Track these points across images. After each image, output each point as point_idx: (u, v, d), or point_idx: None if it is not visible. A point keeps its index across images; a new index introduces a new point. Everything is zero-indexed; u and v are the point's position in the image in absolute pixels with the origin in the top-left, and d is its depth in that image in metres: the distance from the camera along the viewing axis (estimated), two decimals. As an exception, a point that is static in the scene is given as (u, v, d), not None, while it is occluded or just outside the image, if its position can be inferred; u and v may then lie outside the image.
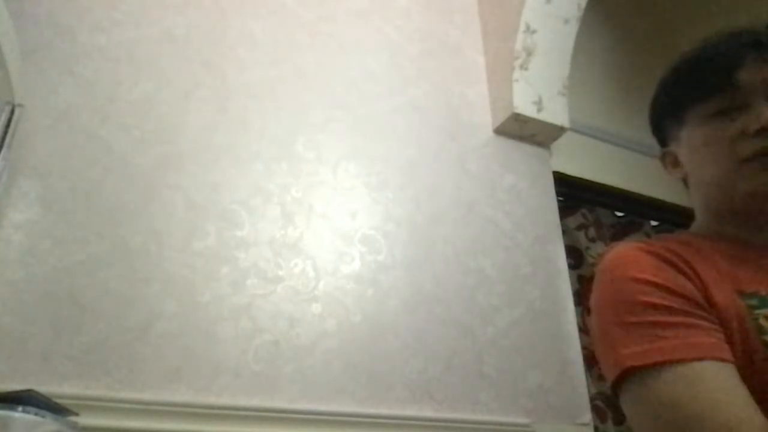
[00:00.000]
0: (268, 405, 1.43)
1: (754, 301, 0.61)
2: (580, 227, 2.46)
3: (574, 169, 2.42)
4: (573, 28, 2.23)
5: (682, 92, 0.77)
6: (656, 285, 0.63)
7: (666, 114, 0.81)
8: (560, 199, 2.25)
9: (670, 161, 0.83)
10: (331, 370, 1.55)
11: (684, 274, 0.64)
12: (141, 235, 1.48)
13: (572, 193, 2.42)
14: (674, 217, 2.82)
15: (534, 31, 2.16)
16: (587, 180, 2.46)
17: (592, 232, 2.46)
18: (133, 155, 1.55)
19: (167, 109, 1.65)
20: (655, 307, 0.61)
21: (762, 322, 0.60)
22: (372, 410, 1.54)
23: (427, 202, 1.91)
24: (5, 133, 1.34)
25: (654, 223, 2.87)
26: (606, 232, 2.53)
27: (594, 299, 0.69)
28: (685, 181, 0.85)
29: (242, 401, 1.41)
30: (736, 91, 0.70)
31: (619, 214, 2.66)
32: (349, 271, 1.69)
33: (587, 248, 2.42)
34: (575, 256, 2.39)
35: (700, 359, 0.57)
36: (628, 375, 0.61)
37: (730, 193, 0.71)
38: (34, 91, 1.49)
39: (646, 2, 3.35)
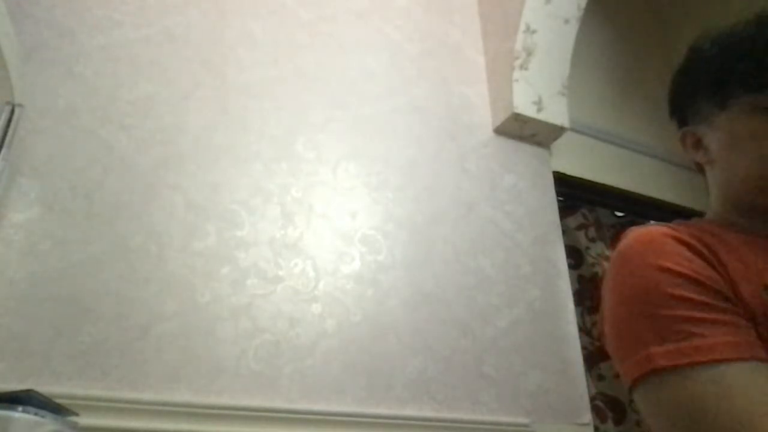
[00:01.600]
0: (268, 405, 1.43)
1: None
2: (580, 227, 2.46)
3: (574, 169, 2.42)
4: (573, 28, 2.23)
5: (732, 76, 0.70)
6: (686, 277, 0.59)
7: (703, 93, 0.75)
8: (560, 199, 2.25)
9: (692, 142, 0.77)
10: (331, 370, 1.55)
11: (712, 265, 0.60)
12: (141, 235, 1.48)
13: (572, 193, 2.42)
14: (674, 217, 2.81)
15: (534, 31, 2.16)
16: (587, 180, 2.46)
17: (592, 232, 2.46)
18: (133, 155, 1.55)
19: (167, 109, 1.65)
20: (685, 300, 0.57)
21: None
22: (372, 410, 1.54)
23: (427, 202, 1.91)
24: (5, 133, 1.34)
25: (654, 223, 2.87)
26: (606, 232, 2.53)
27: (612, 286, 0.64)
28: (700, 165, 0.79)
29: (242, 401, 1.42)
30: None
31: (619, 214, 2.66)
32: (349, 271, 1.69)
33: (587, 248, 2.42)
34: (575, 256, 2.39)
35: (736, 360, 0.54)
36: (655, 373, 0.57)
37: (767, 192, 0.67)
38: (34, 91, 1.49)
39: (646, 2, 3.35)
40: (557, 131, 2.20)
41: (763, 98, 0.67)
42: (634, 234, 0.67)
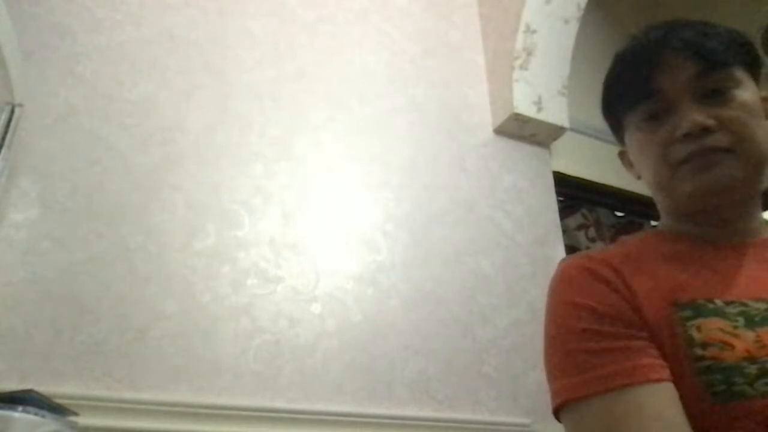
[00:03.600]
0: (268, 405, 1.43)
1: (687, 312, 0.60)
2: (580, 227, 2.46)
3: (574, 169, 2.42)
4: (573, 28, 2.23)
5: (612, 100, 0.76)
6: (589, 309, 0.63)
7: (607, 119, 0.80)
8: (560, 199, 2.25)
9: (627, 161, 0.81)
10: (331, 370, 1.55)
11: (617, 291, 0.63)
12: (141, 235, 1.48)
13: (572, 193, 2.42)
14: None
15: (534, 31, 2.16)
16: (587, 180, 2.46)
17: (592, 232, 2.46)
18: (133, 155, 1.55)
19: (167, 109, 1.65)
20: (592, 333, 0.61)
21: (693, 333, 0.58)
22: (372, 410, 1.54)
23: (426, 202, 1.91)
24: (5, 133, 1.34)
25: (654, 223, 2.87)
26: (606, 232, 2.53)
27: (546, 317, 0.69)
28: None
29: (242, 401, 1.42)
30: (659, 95, 0.68)
31: (619, 214, 2.66)
32: (349, 271, 1.69)
33: (587, 248, 2.42)
34: (575, 256, 2.38)
35: (634, 384, 0.56)
36: (565, 406, 0.60)
37: (672, 196, 0.70)
38: (34, 91, 1.49)
39: (646, 2, 3.35)
40: (557, 131, 2.20)
41: (637, 113, 0.71)
42: (558, 270, 0.71)
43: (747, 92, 0.67)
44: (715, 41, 0.68)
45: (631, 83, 0.71)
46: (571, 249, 2.33)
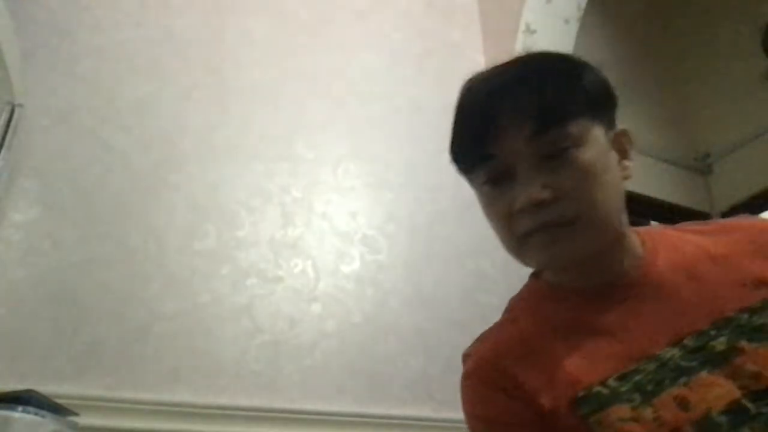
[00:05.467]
0: (268, 405, 1.43)
1: (586, 408, 0.59)
2: (580, 227, 2.46)
3: (574, 169, 2.42)
4: (573, 28, 2.23)
5: (454, 159, 0.72)
6: (487, 419, 0.66)
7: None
8: (560, 199, 2.25)
9: None
10: (331, 370, 1.55)
11: (507, 393, 0.65)
12: (141, 235, 1.48)
13: (572, 193, 2.41)
14: (674, 217, 2.81)
15: (534, 31, 2.16)
16: (587, 180, 2.46)
17: (592, 232, 2.46)
18: (133, 155, 1.55)
19: (167, 109, 1.65)
20: None
21: (597, 430, 0.57)
22: (372, 410, 1.54)
23: (427, 202, 1.90)
24: (5, 133, 1.35)
25: (654, 223, 2.87)
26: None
27: None
28: None
29: (242, 401, 1.41)
30: (496, 160, 0.64)
31: (620, 214, 2.66)
32: (349, 271, 1.69)
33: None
34: (575, 256, 2.38)
35: None
36: None
37: (524, 263, 0.69)
38: (34, 91, 1.49)
39: (646, 2, 3.35)
40: (557, 131, 2.20)
41: (476, 176, 0.68)
42: (462, 374, 0.74)
43: (588, 149, 0.62)
44: (551, 96, 0.62)
45: (467, 148, 0.68)
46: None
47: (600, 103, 0.66)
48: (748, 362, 0.56)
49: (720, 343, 0.58)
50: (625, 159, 0.69)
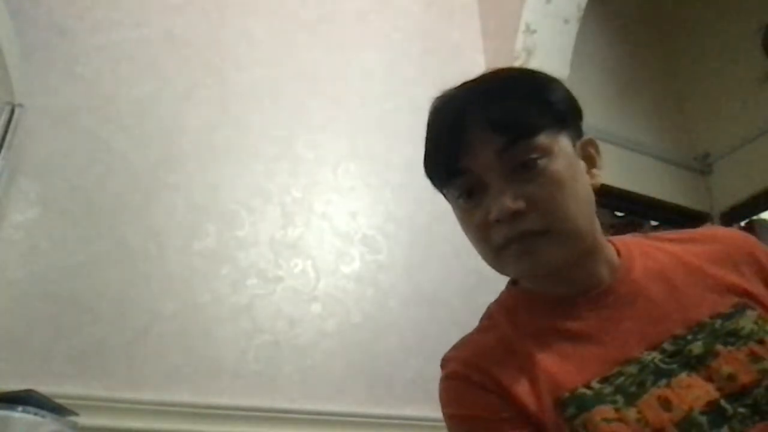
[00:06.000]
0: (268, 405, 1.43)
1: (571, 410, 0.59)
2: (580, 227, 2.46)
3: (574, 169, 2.42)
4: (573, 28, 2.23)
5: (427, 172, 0.75)
6: (474, 418, 0.65)
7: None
8: (560, 199, 2.25)
9: None
10: (331, 370, 1.55)
11: (491, 391, 0.65)
12: (141, 235, 1.48)
13: (572, 193, 2.41)
14: (674, 217, 2.82)
15: (534, 31, 2.16)
16: (587, 180, 2.46)
17: (592, 232, 2.46)
18: (133, 155, 1.55)
19: (167, 109, 1.65)
20: None
21: None
22: (372, 410, 1.54)
23: (427, 201, 1.90)
24: (5, 133, 1.35)
25: (654, 223, 2.88)
26: (606, 232, 2.53)
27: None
28: None
29: (242, 401, 1.41)
30: (468, 174, 0.66)
31: (619, 214, 2.66)
32: (349, 271, 1.69)
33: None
34: (575, 256, 2.38)
35: None
36: None
37: (501, 272, 0.71)
38: (34, 91, 1.49)
39: (646, 2, 3.35)
40: (557, 131, 2.20)
41: (450, 192, 0.71)
42: (441, 377, 0.72)
43: (556, 159, 0.65)
44: (518, 110, 0.65)
45: (439, 163, 0.71)
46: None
47: (566, 114, 0.69)
48: (724, 365, 0.59)
49: (697, 347, 0.60)
50: (594, 167, 0.72)
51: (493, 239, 0.66)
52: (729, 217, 2.93)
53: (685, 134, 3.17)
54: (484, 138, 0.64)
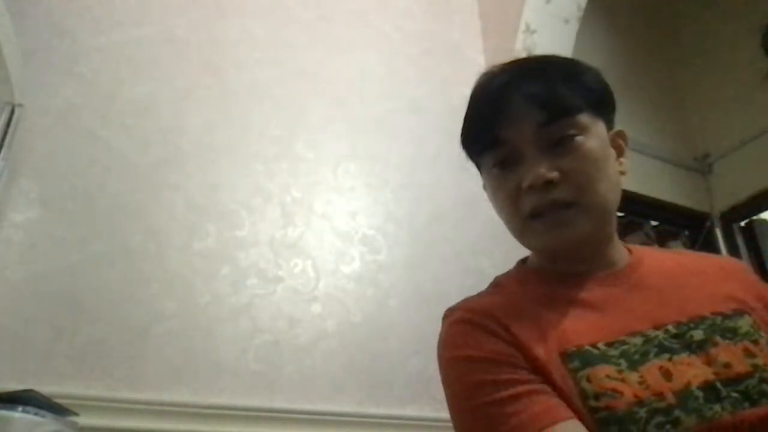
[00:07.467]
0: (268, 405, 1.43)
1: (576, 363, 0.60)
2: (580, 227, 2.46)
3: (574, 169, 2.42)
4: (573, 28, 2.23)
5: (466, 144, 0.78)
6: (484, 359, 0.63)
7: (467, 154, 0.81)
8: (560, 199, 2.25)
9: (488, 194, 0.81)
10: (331, 370, 1.55)
11: (503, 339, 0.64)
12: (141, 235, 1.48)
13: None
14: (674, 217, 2.82)
15: (534, 31, 2.16)
16: (587, 180, 2.46)
17: (592, 232, 2.46)
18: (133, 155, 1.55)
19: (167, 109, 1.65)
20: (490, 384, 0.61)
21: (584, 385, 0.59)
22: (372, 410, 1.54)
23: (427, 201, 1.91)
24: (5, 133, 1.35)
25: (654, 223, 2.88)
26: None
27: (442, 380, 0.69)
28: None
29: (242, 401, 1.41)
30: (505, 145, 0.69)
31: (619, 214, 2.66)
32: (349, 271, 1.69)
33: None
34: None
35: (547, 428, 0.56)
36: None
37: (526, 244, 0.73)
38: (34, 91, 1.49)
39: (646, 2, 3.35)
40: (557, 131, 2.20)
41: (487, 160, 0.74)
42: (442, 327, 0.71)
43: (592, 139, 0.68)
44: (560, 89, 0.68)
45: (479, 132, 0.74)
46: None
47: (602, 102, 0.72)
48: (722, 353, 0.61)
49: (698, 334, 0.63)
50: (621, 157, 0.75)
51: (523, 207, 0.68)
52: (729, 217, 2.93)
53: (685, 134, 3.17)
54: (527, 112, 0.67)
